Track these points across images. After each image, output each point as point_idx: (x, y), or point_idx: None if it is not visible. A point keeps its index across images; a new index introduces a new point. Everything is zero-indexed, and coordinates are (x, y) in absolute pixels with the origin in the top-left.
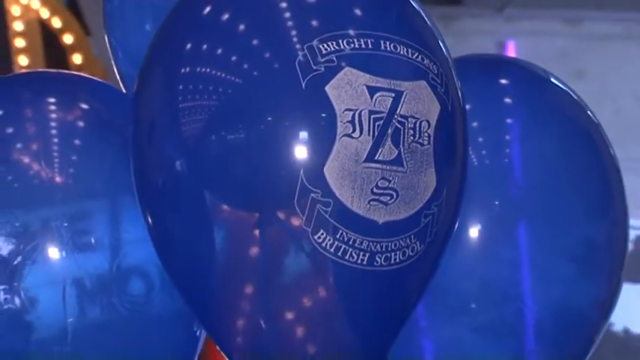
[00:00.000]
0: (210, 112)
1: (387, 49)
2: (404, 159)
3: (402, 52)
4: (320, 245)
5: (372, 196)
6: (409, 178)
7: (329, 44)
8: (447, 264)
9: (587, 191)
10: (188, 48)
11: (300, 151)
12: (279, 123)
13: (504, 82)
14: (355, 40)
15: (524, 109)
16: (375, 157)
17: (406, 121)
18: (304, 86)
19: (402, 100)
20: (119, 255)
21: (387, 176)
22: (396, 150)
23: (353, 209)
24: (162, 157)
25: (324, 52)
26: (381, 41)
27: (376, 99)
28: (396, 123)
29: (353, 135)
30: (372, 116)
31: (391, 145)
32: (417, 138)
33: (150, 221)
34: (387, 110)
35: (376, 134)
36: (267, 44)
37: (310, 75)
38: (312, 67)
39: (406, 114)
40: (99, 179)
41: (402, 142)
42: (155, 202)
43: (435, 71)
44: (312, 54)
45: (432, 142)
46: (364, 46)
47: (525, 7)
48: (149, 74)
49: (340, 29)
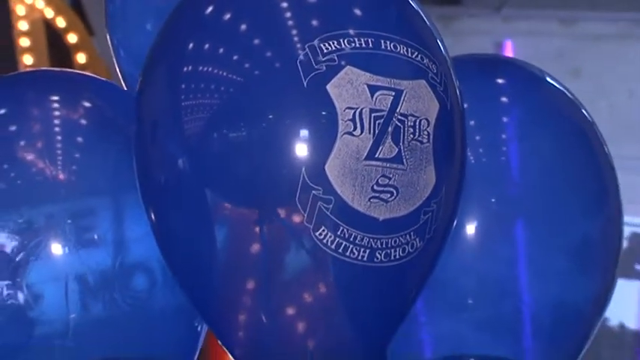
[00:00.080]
0: (212, 110)
1: (388, 48)
2: (404, 157)
3: (402, 52)
4: (321, 242)
5: (373, 194)
6: (409, 175)
7: (330, 43)
8: (446, 260)
9: (582, 189)
10: (190, 47)
11: (302, 149)
12: (280, 121)
13: (501, 81)
14: (356, 40)
15: (520, 108)
16: (376, 155)
17: (406, 120)
18: (306, 85)
19: (402, 99)
20: (122, 251)
21: (387, 174)
22: (396, 148)
23: (354, 206)
24: (165, 155)
25: (325, 51)
26: (382, 41)
27: (377, 97)
28: (396, 121)
29: (354, 133)
30: (372, 114)
31: (391, 143)
32: (416, 136)
33: (153, 218)
34: (388, 109)
35: (377, 132)
36: (269, 44)
37: (312, 74)
38: (314, 66)
39: (406, 112)
40: (102, 177)
41: (402, 140)
42: (158, 199)
43: (435, 70)
44: (313, 53)
45: (431, 140)
46: (365, 46)
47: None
48: (152, 73)
49: (341, 29)
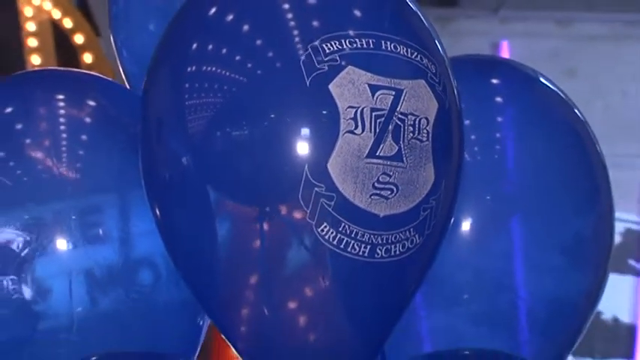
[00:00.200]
0: (216, 109)
1: (388, 48)
2: (404, 155)
3: (401, 52)
4: (323, 237)
5: (374, 191)
6: (409, 173)
7: (332, 44)
8: (443, 256)
9: (575, 187)
10: (196, 48)
11: (305, 147)
12: (284, 120)
13: (496, 81)
14: (357, 40)
15: (515, 108)
16: (377, 153)
17: (406, 118)
18: (308, 84)
19: (402, 98)
20: (127, 247)
21: (387, 171)
22: (397, 146)
23: (355, 203)
24: (170, 153)
25: (327, 51)
26: (382, 41)
27: (377, 97)
28: (397, 120)
29: (355, 131)
30: (373, 113)
31: (392, 142)
32: (416, 134)
33: (157, 214)
34: (388, 108)
35: (377, 131)
36: (273, 44)
37: (314, 74)
38: (316, 66)
39: (406, 111)
40: (108, 174)
41: (402, 139)
42: (162, 196)
43: (434, 70)
44: (315, 53)
45: (430, 139)
46: (366, 46)
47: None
48: (156, 73)
49: (342, 30)
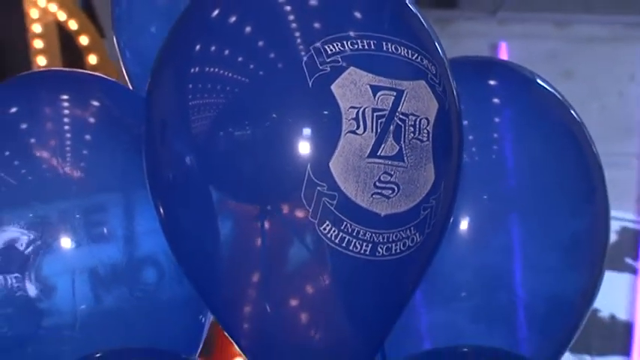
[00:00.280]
0: (220, 110)
1: (389, 50)
2: (405, 154)
3: (402, 53)
4: (325, 236)
5: (375, 190)
6: (410, 172)
7: (334, 45)
8: (443, 254)
9: (571, 187)
10: (201, 50)
11: (307, 147)
12: (287, 120)
13: (494, 83)
14: (358, 42)
15: (512, 109)
16: (378, 153)
17: (407, 119)
18: (311, 85)
19: (403, 99)
20: (131, 245)
21: (389, 171)
22: (398, 146)
23: (357, 202)
24: (174, 153)
25: (329, 52)
26: (383, 42)
27: (379, 97)
28: (398, 120)
29: (357, 132)
30: (375, 114)
31: (393, 142)
32: (417, 135)
33: (161, 213)
34: (389, 108)
35: (379, 131)
36: (276, 46)
37: (316, 75)
38: (319, 67)
39: (407, 112)
40: (112, 174)
41: (403, 139)
42: (166, 195)
43: (434, 71)
44: (318, 55)
45: (430, 139)
46: (367, 47)
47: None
48: (160, 75)
49: (344, 31)
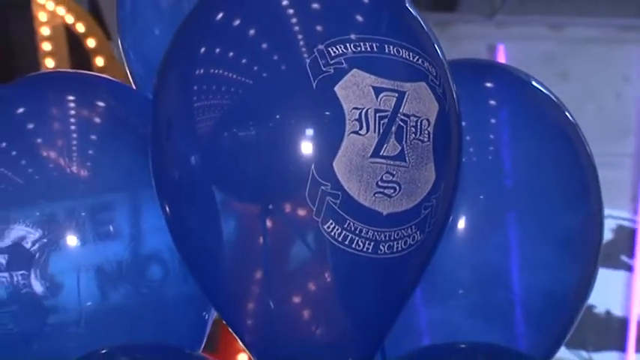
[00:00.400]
0: (225, 112)
1: (391, 52)
2: (406, 154)
3: (404, 56)
4: (329, 234)
5: (377, 189)
6: (411, 172)
7: (337, 47)
8: (442, 252)
9: (566, 187)
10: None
11: (312, 147)
12: (292, 121)
13: (491, 85)
14: (361, 44)
15: (509, 111)
16: (380, 153)
17: (408, 120)
18: (315, 87)
19: (405, 100)
20: (137, 243)
21: (391, 170)
22: (399, 146)
23: (360, 201)
24: (179, 154)
25: (332, 54)
26: (385, 45)
27: (381, 99)
28: (399, 121)
29: (360, 132)
30: (377, 114)
31: (395, 142)
32: (418, 135)
33: (167, 212)
34: (391, 109)
35: (381, 131)
36: (280, 48)
37: (320, 76)
38: (322, 69)
39: (408, 113)
40: (118, 173)
41: (404, 139)
42: (172, 194)
43: (434, 73)
44: (321, 57)
45: (431, 139)
46: (369, 50)
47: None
48: (166, 76)
49: (347, 34)
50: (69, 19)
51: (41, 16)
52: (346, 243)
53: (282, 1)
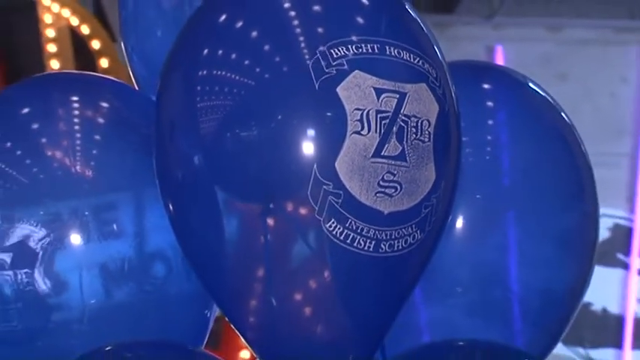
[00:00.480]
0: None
1: (392, 54)
2: (407, 154)
3: (404, 57)
4: (331, 233)
5: (379, 189)
6: (412, 172)
7: (339, 49)
8: (441, 251)
9: (562, 186)
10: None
11: (314, 147)
12: (295, 121)
13: (489, 86)
14: (363, 46)
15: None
16: (382, 153)
17: (409, 120)
18: (317, 88)
19: (406, 101)
20: (141, 242)
21: (392, 170)
22: (400, 146)
23: (361, 200)
24: (182, 154)
25: (335, 56)
26: (386, 47)
27: (382, 100)
28: (400, 122)
29: (362, 132)
30: (378, 115)
31: (396, 142)
32: (418, 135)
33: (171, 211)
34: (393, 110)
35: (382, 132)
36: (282, 49)
37: (323, 77)
38: (325, 71)
39: (409, 113)
40: (121, 172)
41: (405, 139)
42: (176, 194)
43: (434, 75)
44: (324, 58)
45: (431, 140)
46: (371, 51)
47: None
48: (169, 78)
49: (349, 36)
50: (74, 21)
51: (46, 18)
52: (348, 242)
53: (285, 4)
